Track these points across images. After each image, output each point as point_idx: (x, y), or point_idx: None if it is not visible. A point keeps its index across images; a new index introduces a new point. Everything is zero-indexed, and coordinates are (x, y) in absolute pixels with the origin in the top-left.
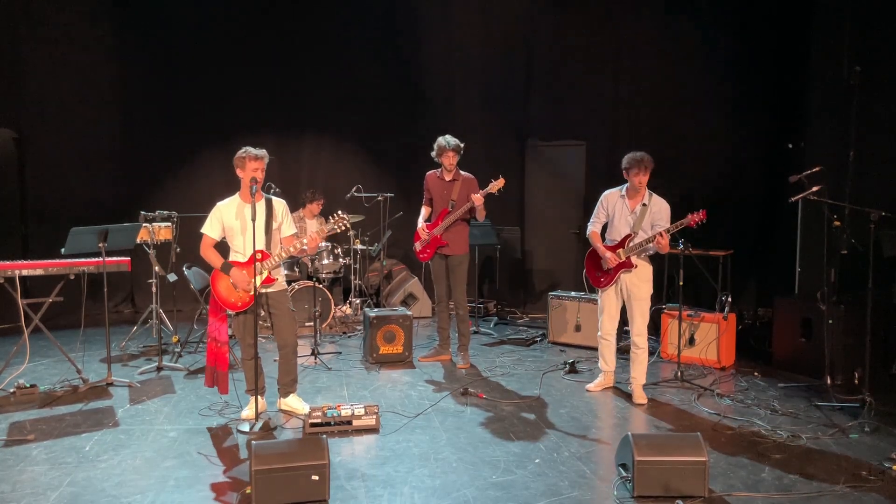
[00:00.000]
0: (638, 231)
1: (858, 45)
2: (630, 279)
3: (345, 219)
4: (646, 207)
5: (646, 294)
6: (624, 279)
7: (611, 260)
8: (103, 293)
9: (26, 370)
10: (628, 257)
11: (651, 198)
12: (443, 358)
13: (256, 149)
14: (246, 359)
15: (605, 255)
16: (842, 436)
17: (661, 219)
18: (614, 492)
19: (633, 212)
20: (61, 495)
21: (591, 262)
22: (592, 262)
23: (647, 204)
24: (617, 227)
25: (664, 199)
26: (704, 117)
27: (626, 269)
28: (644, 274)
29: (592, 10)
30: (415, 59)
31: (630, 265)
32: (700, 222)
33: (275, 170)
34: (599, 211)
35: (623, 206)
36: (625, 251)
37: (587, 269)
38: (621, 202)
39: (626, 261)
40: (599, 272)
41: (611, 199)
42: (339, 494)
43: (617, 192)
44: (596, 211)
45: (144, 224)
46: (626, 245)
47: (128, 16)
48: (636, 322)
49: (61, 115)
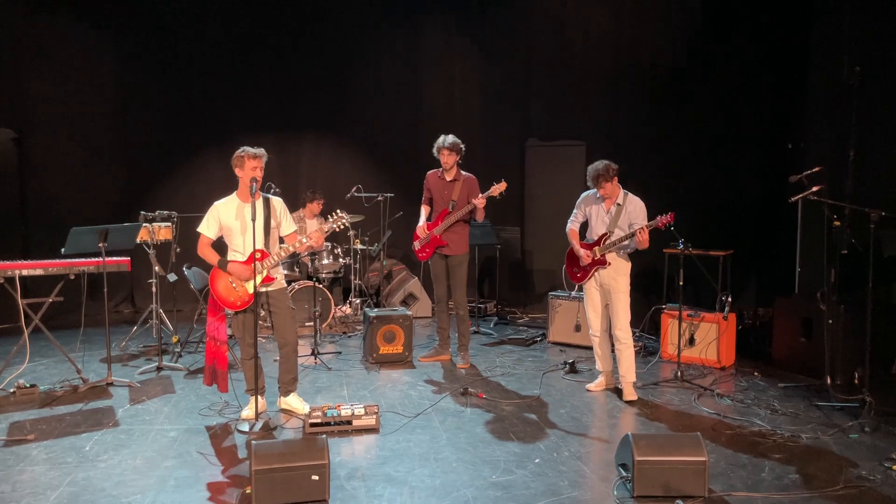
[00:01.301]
0: (613, 230)
1: (858, 45)
2: (607, 273)
3: (343, 217)
4: (620, 207)
5: (623, 287)
6: (601, 273)
7: (584, 257)
8: (103, 293)
9: (26, 370)
10: (603, 255)
11: (626, 197)
12: (443, 358)
13: (255, 148)
14: (246, 358)
15: (579, 253)
16: (842, 436)
17: (637, 217)
18: (614, 492)
19: (608, 212)
20: (61, 495)
21: (570, 258)
22: (570, 259)
23: (622, 204)
24: (594, 228)
25: (639, 198)
26: (704, 117)
27: (600, 266)
28: (621, 268)
29: (593, 9)
30: (415, 59)
31: (604, 262)
32: (668, 224)
33: (275, 170)
34: (577, 212)
35: (599, 208)
36: (600, 249)
37: (566, 265)
38: (597, 204)
39: (600, 258)
40: (576, 268)
41: (587, 200)
42: (339, 494)
43: (592, 194)
44: (574, 211)
45: (144, 224)
46: (602, 243)
47: (128, 16)
48: (617, 316)
49: (61, 115)
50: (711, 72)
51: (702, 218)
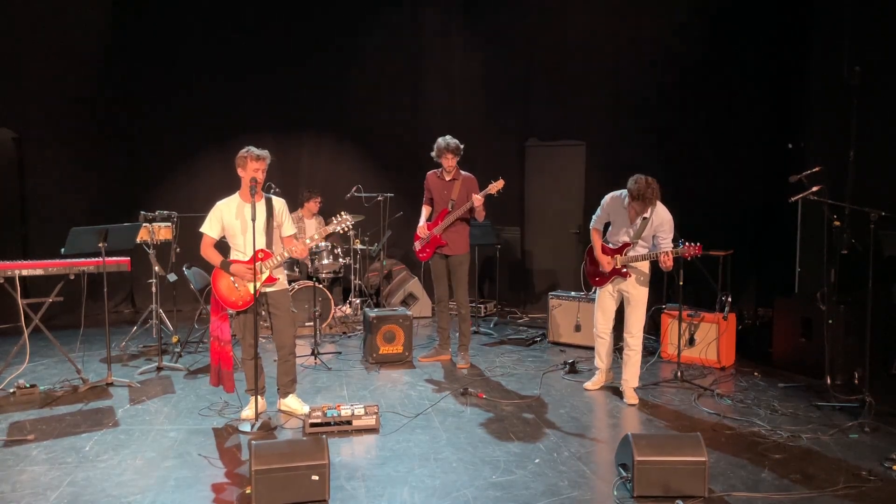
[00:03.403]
0: (638, 241)
1: (858, 45)
2: (626, 282)
3: (347, 219)
4: (646, 221)
5: (642, 297)
6: (620, 281)
7: (605, 265)
8: (103, 293)
9: (26, 370)
10: (623, 267)
11: (654, 209)
12: (443, 358)
13: (259, 149)
14: (246, 358)
15: (601, 260)
16: (842, 436)
17: (663, 231)
18: (614, 492)
19: (633, 223)
20: (61, 495)
21: (591, 259)
22: (592, 259)
23: (648, 217)
24: (616, 232)
25: (668, 211)
26: (704, 117)
27: (619, 276)
28: (642, 278)
29: (594, 8)
30: (415, 59)
31: (625, 274)
32: (695, 256)
33: (275, 170)
34: (601, 213)
35: (623, 214)
36: (622, 260)
37: (586, 265)
38: (623, 210)
39: (620, 268)
40: (597, 271)
41: (613, 204)
42: (339, 494)
43: (618, 197)
44: (598, 211)
45: (144, 224)
46: (624, 253)
47: (128, 16)
48: (631, 323)
49: (61, 115)
50: (712, 72)
51: (702, 218)
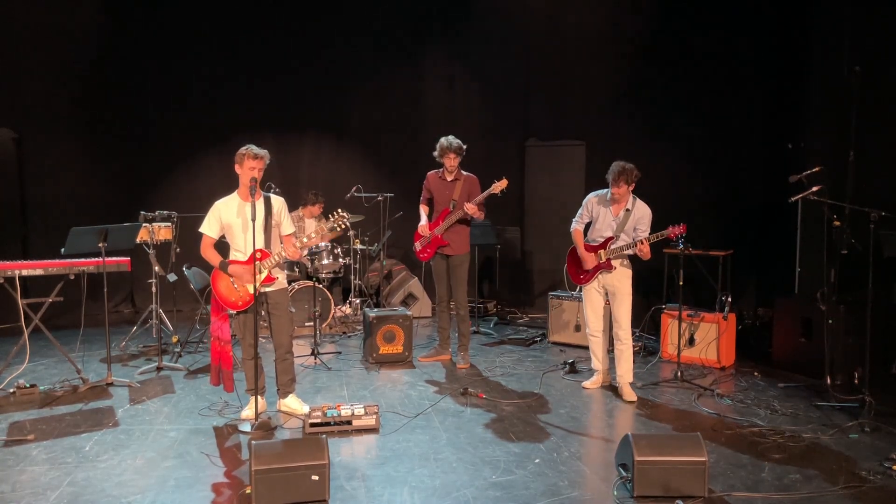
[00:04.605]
0: (620, 234)
1: (858, 45)
2: (611, 276)
3: (344, 216)
4: (629, 213)
5: (627, 289)
6: (605, 276)
7: (588, 262)
8: (103, 293)
9: (26, 370)
10: (608, 259)
11: (635, 203)
12: (443, 358)
13: (259, 148)
14: (246, 358)
15: (584, 257)
16: (842, 436)
17: (642, 224)
18: (614, 492)
19: (616, 217)
20: (61, 495)
21: (573, 259)
22: (574, 259)
23: (631, 209)
24: (599, 230)
25: (647, 206)
26: (704, 116)
27: (605, 269)
28: (625, 271)
29: (594, 9)
30: (415, 58)
31: (609, 266)
32: (680, 235)
33: (275, 170)
34: (583, 212)
35: (606, 211)
36: (606, 253)
37: (568, 266)
38: (605, 207)
39: (605, 262)
40: (579, 269)
41: (595, 201)
42: (339, 494)
43: (602, 195)
44: (580, 211)
45: (144, 224)
46: (608, 247)
47: (128, 15)
48: (619, 316)
49: (61, 115)
50: (712, 72)
51: (702, 218)
